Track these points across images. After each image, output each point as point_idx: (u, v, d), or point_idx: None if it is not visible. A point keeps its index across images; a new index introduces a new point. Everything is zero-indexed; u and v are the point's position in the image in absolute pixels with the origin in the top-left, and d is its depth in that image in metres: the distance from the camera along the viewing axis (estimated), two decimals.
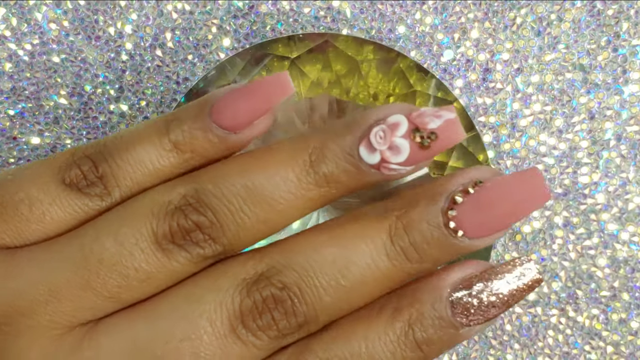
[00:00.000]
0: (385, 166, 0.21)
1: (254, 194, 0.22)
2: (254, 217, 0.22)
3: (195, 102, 0.23)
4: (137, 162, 0.22)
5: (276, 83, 0.22)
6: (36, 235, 0.22)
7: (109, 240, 0.21)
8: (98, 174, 0.22)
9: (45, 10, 0.32)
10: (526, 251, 0.31)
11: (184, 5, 0.32)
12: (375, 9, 0.32)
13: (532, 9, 0.31)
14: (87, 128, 0.32)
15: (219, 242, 0.21)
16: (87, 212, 0.22)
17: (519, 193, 0.21)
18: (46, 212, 0.22)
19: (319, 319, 0.21)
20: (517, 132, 0.31)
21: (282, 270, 0.21)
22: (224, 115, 0.22)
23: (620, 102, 0.31)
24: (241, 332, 0.21)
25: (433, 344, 0.22)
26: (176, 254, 0.21)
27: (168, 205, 0.22)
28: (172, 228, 0.21)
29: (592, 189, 0.31)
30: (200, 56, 0.32)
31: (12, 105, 0.32)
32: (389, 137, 0.21)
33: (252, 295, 0.21)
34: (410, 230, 0.21)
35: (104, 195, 0.22)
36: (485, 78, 0.31)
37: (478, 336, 0.31)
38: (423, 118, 0.21)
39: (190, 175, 0.23)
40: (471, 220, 0.21)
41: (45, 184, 0.22)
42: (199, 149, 0.22)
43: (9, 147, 0.31)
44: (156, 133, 0.23)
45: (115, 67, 0.32)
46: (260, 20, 0.32)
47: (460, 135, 0.21)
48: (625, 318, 0.31)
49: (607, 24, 0.31)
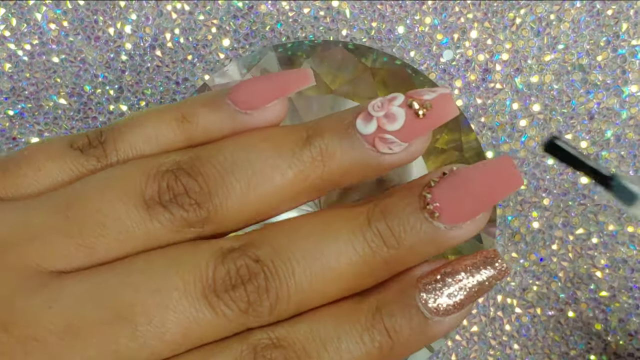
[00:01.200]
0: (381, 136, 0.22)
1: (247, 160, 0.22)
2: (244, 184, 0.21)
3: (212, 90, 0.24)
4: (141, 132, 0.23)
5: (298, 72, 0.23)
6: (29, 189, 0.22)
7: (94, 191, 0.21)
8: (102, 139, 0.23)
9: (44, 11, 0.32)
10: (526, 251, 0.31)
11: (184, 6, 0.32)
12: (375, 9, 0.32)
13: (532, 9, 0.31)
14: (86, 128, 0.32)
15: (204, 208, 0.21)
16: (82, 171, 0.23)
17: (490, 175, 0.21)
18: (42, 165, 0.22)
19: (290, 298, 0.21)
20: (517, 133, 0.31)
21: (257, 246, 0.21)
22: (241, 91, 0.23)
23: (619, 103, 0.31)
24: (212, 299, 0.21)
25: (401, 329, 0.21)
26: (159, 214, 0.21)
27: (160, 166, 0.22)
28: (161, 188, 0.21)
29: (592, 189, 0.31)
30: (200, 56, 0.32)
31: (12, 105, 0.32)
32: (386, 106, 0.22)
33: (226, 264, 0.21)
34: (387, 213, 0.22)
35: (100, 157, 0.22)
36: (484, 78, 0.31)
37: (477, 336, 0.31)
38: (419, 92, 0.22)
39: (189, 149, 0.23)
40: (445, 199, 0.21)
41: (51, 145, 0.23)
42: (204, 120, 0.23)
43: (9, 147, 0.31)
44: (168, 108, 0.23)
45: (114, 67, 0.32)
46: (259, 21, 0.32)
47: (454, 110, 0.22)
48: (625, 318, 0.31)
49: (607, 24, 0.31)
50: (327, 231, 0.21)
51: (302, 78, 0.23)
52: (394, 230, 0.22)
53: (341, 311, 0.22)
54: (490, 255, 0.22)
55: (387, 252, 0.22)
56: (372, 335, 0.21)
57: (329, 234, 0.21)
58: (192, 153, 0.22)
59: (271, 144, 0.22)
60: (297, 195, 0.22)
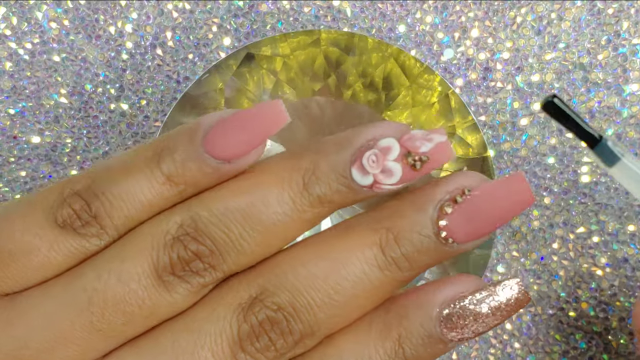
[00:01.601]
0: (378, 187, 0.22)
1: (251, 218, 0.22)
2: (252, 242, 0.22)
3: (184, 129, 0.23)
4: (130, 197, 0.22)
5: (271, 113, 0.22)
6: (34, 280, 0.22)
7: (111, 279, 0.21)
8: (92, 213, 0.22)
9: (45, 9, 0.32)
10: (526, 250, 0.31)
11: (185, 4, 0.32)
12: (376, 7, 0.32)
13: (533, 8, 0.31)
14: (87, 127, 0.32)
15: (219, 270, 0.22)
16: (85, 252, 0.22)
17: (505, 199, 0.21)
18: (45, 259, 0.22)
19: (314, 334, 0.22)
20: (518, 131, 0.31)
21: (275, 292, 0.21)
22: (218, 147, 0.22)
23: (620, 101, 0.31)
24: (240, 356, 0.21)
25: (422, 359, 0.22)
26: (177, 286, 0.21)
27: (166, 236, 0.22)
28: (172, 260, 0.21)
29: (593, 188, 0.31)
30: (201, 55, 0.32)
31: (13, 104, 0.32)
32: (381, 161, 0.22)
33: (249, 320, 0.21)
34: (401, 241, 0.22)
35: (100, 235, 0.22)
36: (485, 77, 0.31)
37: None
38: (414, 142, 0.21)
39: (185, 203, 0.22)
40: (461, 228, 0.21)
41: (40, 228, 0.22)
42: (192, 180, 0.22)
43: (10, 146, 0.31)
44: (146, 164, 0.22)
45: (115, 66, 0.32)
46: (260, 20, 0.32)
47: (451, 156, 0.22)
48: (626, 317, 0.31)
49: (608, 22, 0.31)
50: (341, 265, 0.22)
51: (276, 119, 0.22)
52: (408, 257, 0.22)
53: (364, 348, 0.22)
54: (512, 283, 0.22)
55: (402, 275, 0.22)
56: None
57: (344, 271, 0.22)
58: (192, 212, 0.22)
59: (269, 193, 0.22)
60: (299, 234, 0.23)
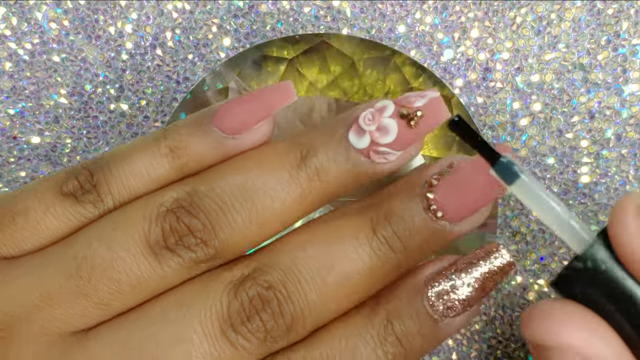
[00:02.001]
0: (375, 149, 0.22)
1: (246, 191, 0.22)
2: (246, 215, 0.21)
3: (195, 112, 0.23)
4: (132, 169, 0.22)
5: (279, 89, 0.23)
6: (30, 244, 0.22)
7: (101, 246, 0.21)
8: (93, 182, 0.22)
9: (45, 10, 0.32)
10: (526, 251, 0.31)
11: (184, 5, 0.32)
12: (375, 8, 0.32)
13: (532, 8, 0.31)
14: (87, 127, 0.32)
15: (211, 245, 0.21)
16: (81, 220, 0.22)
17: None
18: (40, 219, 0.22)
19: (305, 318, 0.21)
20: (517, 132, 0.31)
21: (267, 271, 0.21)
22: (225, 117, 0.22)
23: (620, 102, 0.31)
24: (231, 335, 0.21)
25: (413, 338, 0.22)
26: (168, 259, 0.21)
27: (160, 207, 0.22)
28: (165, 231, 0.21)
29: (592, 188, 0.31)
30: (201, 56, 0.32)
31: (12, 104, 0.32)
32: (377, 118, 0.22)
33: (239, 296, 0.21)
34: (391, 218, 0.22)
35: (96, 202, 0.22)
36: (485, 77, 0.31)
37: (478, 336, 0.31)
38: (408, 99, 0.22)
39: (184, 181, 0.22)
40: (448, 199, 0.21)
41: (43, 194, 0.22)
42: (195, 153, 0.22)
43: (9, 146, 0.31)
44: (153, 140, 0.23)
45: (115, 66, 0.32)
46: (260, 20, 0.32)
47: (445, 113, 0.22)
48: None
49: (607, 23, 0.31)
50: (333, 246, 0.21)
51: (284, 95, 0.22)
52: (400, 235, 0.22)
53: (353, 328, 0.22)
54: (493, 249, 0.22)
55: (395, 257, 0.22)
56: (385, 349, 0.22)
57: (336, 250, 0.21)
58: (189, 188, 0.22)
59: (267, 169, 0.22)
60: (297, 215, 0.22)
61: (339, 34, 0.28)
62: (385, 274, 0.22)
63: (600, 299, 0.18)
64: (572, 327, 0.17)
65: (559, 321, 0.18)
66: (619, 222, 0.17)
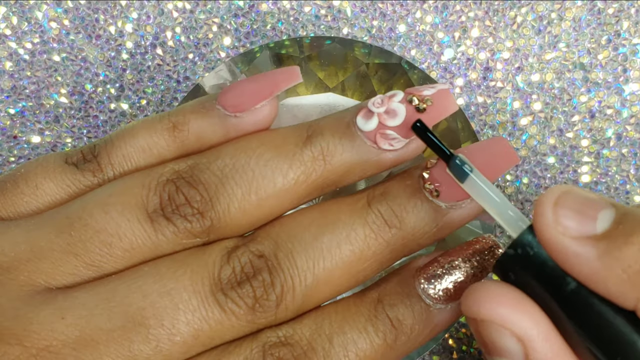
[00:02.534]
0: (382, 132, 0.22)
1: (247, 163, 0.22)
2: (246, 188, 0.21)
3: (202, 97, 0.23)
4: (133, 142, 0.23)
5: (284, 71, 0.23)
6: (28, 207, 0.22)
7: (96, 208, 0.21)
8: (95, 153, 0.23)
9: (45, 9, 0.32)
10: None
11: (185, 4, 0.32)
12: (376, 7, 0.32)
13: (533, 8, 0.31)
14: (87, 127, 0.32)
15: (207, 217, 0.21)
16: (79, 187, 0.23)
17: (487, 153, 0.22)
18: (39, 184, 0.22)
19: (295, 291, 0.21)
20: (518, 131, 0.31)
21: (260, 241, 0.21)
22: (229, 94, 0.23)
23: (620, 101, 0.31)
24: (220, 298, 0.21)
25: (404, 318, 0.22)
26: (163, 227, 0.21)
27: (160, 177, 0.22)
28: (162, 199, 0.21)
29: (593, 187, 0.31)
30: (201, 55, 0.32)
31: (13, 104, 0.32)
32: (386, 102, 0.22)
33: (232, 262, 0.21)
34: (387, 194, 0.22)
35: (96, 171, 0.23)
36: (485, 77, 0.31)
37: None
38: (418, 88, 0.22)
39: (187, 157, 0.23)
40: (444, 178, 0.21)
41: (48, 163, 0.23)
42: (196, 129, 0.22)
43: (10, 145, 0.31)
44: (157, 118, 0.23)
45: (115, 65, 0.32)
46: (260, 19, 0.32)
47: (453, 105, 0.22)
48: None
49: (608, 22, 0.31)
50: (326, 219, 0.22)
51: (288, 76, 0.23)
52: (395, 210, 0.22)
53: (344, 305, 0.22)
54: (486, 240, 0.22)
55: (390, 232, 0.22)
56: (375, 326, 0.21)
57: (328, 221, 0.21)
58: (191, 161, 0.22)
59: (270, 146, 0.22)
60: (298, 196, 0.22)
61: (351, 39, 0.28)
62: (379, 251, 0.22)
63: (530, 282, 0.19)
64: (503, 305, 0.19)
65: (493, 298, 0.19)
66: (539, 213, 0.18)
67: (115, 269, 0.21)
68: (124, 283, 0.21)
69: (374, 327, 0.21)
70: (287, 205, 0.22)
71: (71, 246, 0.21)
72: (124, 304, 0.20)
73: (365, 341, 0.21)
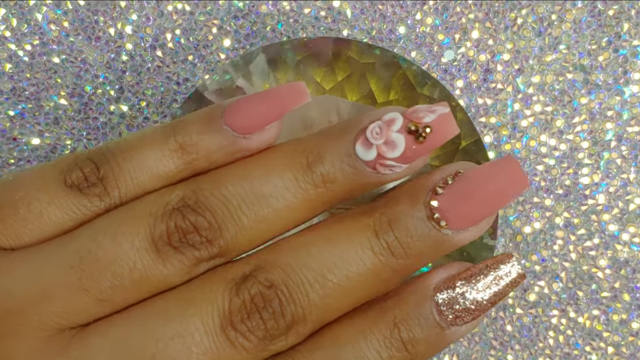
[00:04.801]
0: (382, 162, 0.22)
1: (253, 193, 0.21)
2: (252, 217, 0.21)
3: (205, 108, 0.23)
4: (140, 163, 0.22)
5: (292, 90, 0.22)
6: (32, 236, 0.22)
7: (106, 240, 0.21)
8: (99, 175, 0.22)
9: (45, 11, 0.32)
10: (527, 252, 0.31)
11: (185, 6, 0.32)
12: (376, 9, 0.32)
13: (533, 10, 0.31)
14: (87, 129, 0.32)
15: (216, 244, 0.21)
16: (85, 213, 0.22)
17: (496, 180, 0.21)
18: (44, 211, 0.22)
19: (306, 318, 0.21)
20: (518, 133, 0.31)
21: (269, 270, 0.21)
22: (238, 116, 0.22)
23: (621, 103, 0.31)
24: (230, 333, 0.21)
25: (419, 343, 0.22)
26: (171, 257, 0.21)
27: (166, 206, 0.21)
28: (169, 229, 0.21)
29: (593, 189, 0.31)
30: (201, 57, 0.32)
31: (12, 105, 0.31)
32: (384, 132, 0.21)
33: (241, 294, 0.21)
34: (394, 224, 0.22)
35: (102, 196, 0.22)
36: (485, 79, 0.31)
37: (479, 337, 0.31)
38: (417, 113, 0.22)
39: (191, 179, 0.22)
40: (452, 209, 0.21)
41: (46, 184, 0.22)
42: (206, 150, 0.22)
43: (9, 147, 0.31)
44: (162, 134, 0.22)
45: (115, 67, 0.32)
46: (260, 21, 0.32)
47: (454, 129, 0.22)
48: (626, 319, 0.31)
49: (608, 24, 0.31)
50: (336, 248, 0.21)
51: (297, 96, 0.22)
52: (402, 242, 0.22)
53: (358, 330, 0.22)
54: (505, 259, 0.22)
55: (396, 262, 0.22)
56: (390, 353, 0.21)
57: (338, 251, 0.21)
58: (194, 186, 0.22)
59: (274, 174, 0.22)
60: (301, 218, 0.22)
61: (349, 39, 0.28)
62: (387, 277, 0.22)
63: None
64: None
65: None
66: None
67: (125, 302, 0.21)
68: (136, 327, 0.21)
69: (389, 355, 0.21)
70: (290, 227, 0.22)
71: (82, 281, 0.21)
72: (138, 349, 0.20)
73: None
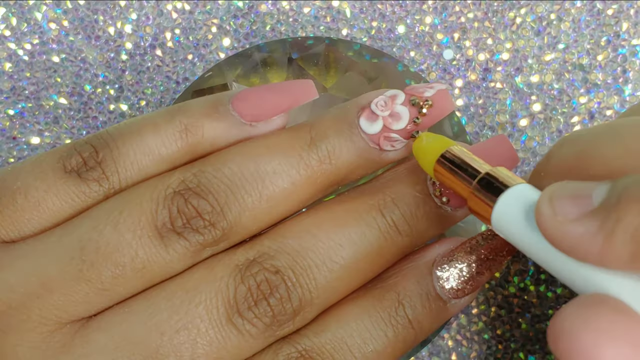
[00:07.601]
0: (386, 135, 0.22)
1: (257, 171, 0.21)
2: (256, 196, 0.21)
3: (210, 95, 0.23)
4: (140, 146, 0.21)
5: (303, 85, 0.23)
6: (32, 227, 0.21)
7: (107, 228, 0.20)
8: (98, 159, 0.21)
9: (45, 10, 0.32)
10: None
11: (184, 5, 0.32)
12: (375, 8, 0.32)
13: (532, 9, 0.31)
14: (87, 128, 0.32)
15: (219, 227, 0.21)
16: (85, 200, 0.21)
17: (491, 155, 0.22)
18: (41, 199, 0.21)
19: (313, 302, 0.21)
20: (517, 132, 0.31)
21: (274, 255, 0.21)
22: (247, 103, 0.22)
23: (620, 102, 0.31)
24: (237, 321, 0.20)
25: (423, 318, 0.22)
26: (174, 243, 0.21)
27: (167, 189, 0.21)
28: (172, 214, 0.21)
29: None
30: (200, 56, 0.32)
31: (12, 105, 0.32)
32: (389, 104, 0.22)
33: (247, 281, 0.21)
34: (399, 202, 0.22)
35: (101, 181, 0.21)
36: (485, 78, 0.31)
37: (477, 336, 0.31)
38: (418, 89, 0.22)
39: (191, 163, 0.22)
40: None
41: (44, 172, 0.21)
42: (211, 134, 0.22)
43: (9, 146, 0.31)
44: (166, 117, 0.22)
45: (115, 66, 0.32)
46: (260, 20, 0.32)
47: (451, 105, 0.23)
48: None
49: (607, 23, 0.31)
50: (341, 229, 0.21)
51: (309, 91, 0.23)
52: (407, 219, 0.22)
53: (364, 311, 0.22)
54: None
55: (401, 240, 0.22)
56: (396, 330, 0.22)
57: (343, 233, 0.21)
58: (196, 169, 0.21)
59: (278, 151, 0.22)
60: (306, 198, 0.22)
61: (343, 40, 0.28)
62: (392, 254, 0.22)
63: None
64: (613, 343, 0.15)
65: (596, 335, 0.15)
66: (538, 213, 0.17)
67: (127, 292, 0.21)
68: (140, 320, 0.20)
69: (395, 332, 0.22)
70: (294, 208, 0.22)
71: (83, 272, 0.20)
72: (143, 343, 0.20)
73: (386, 346, 0.21)
